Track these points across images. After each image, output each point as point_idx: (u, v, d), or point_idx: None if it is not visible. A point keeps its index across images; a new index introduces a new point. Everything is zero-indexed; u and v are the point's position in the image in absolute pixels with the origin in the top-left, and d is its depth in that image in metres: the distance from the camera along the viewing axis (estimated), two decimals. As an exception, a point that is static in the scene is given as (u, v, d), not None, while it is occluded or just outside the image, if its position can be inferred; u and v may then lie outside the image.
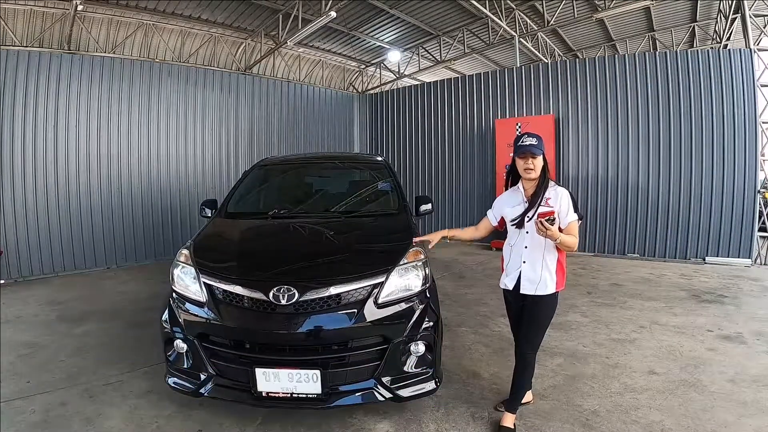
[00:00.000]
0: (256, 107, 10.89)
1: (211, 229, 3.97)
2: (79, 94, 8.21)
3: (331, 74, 17.53)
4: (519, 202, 2.98)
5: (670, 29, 14.76)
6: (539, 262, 2.88)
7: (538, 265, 2.88)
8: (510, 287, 3.01)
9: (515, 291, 2.97)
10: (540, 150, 2.84)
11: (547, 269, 2.88)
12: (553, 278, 2.88)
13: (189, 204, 9.58)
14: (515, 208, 2.99)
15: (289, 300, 2.79)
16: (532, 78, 10.05)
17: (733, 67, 8.00)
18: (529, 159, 2.84)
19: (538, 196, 2.87)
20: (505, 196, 3.13)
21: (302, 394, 2.76)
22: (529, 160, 2.84)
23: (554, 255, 2.89)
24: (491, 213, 3.21)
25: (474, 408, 3.29)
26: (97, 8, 11.04)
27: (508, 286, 3.02)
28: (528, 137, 2.87)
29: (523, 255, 2.93)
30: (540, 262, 2.88)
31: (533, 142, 2.83)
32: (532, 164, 2.84)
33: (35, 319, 5.52)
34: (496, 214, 3.16)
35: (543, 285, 2.87)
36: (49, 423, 3.14)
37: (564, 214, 2.82)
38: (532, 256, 2.89)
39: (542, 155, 2.87)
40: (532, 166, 2.85)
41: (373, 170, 5.06)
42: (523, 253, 2.93)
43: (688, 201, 8.40)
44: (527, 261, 2.91)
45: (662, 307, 5.71)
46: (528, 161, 2.85)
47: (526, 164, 2.86)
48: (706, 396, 3.41)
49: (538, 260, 2.88)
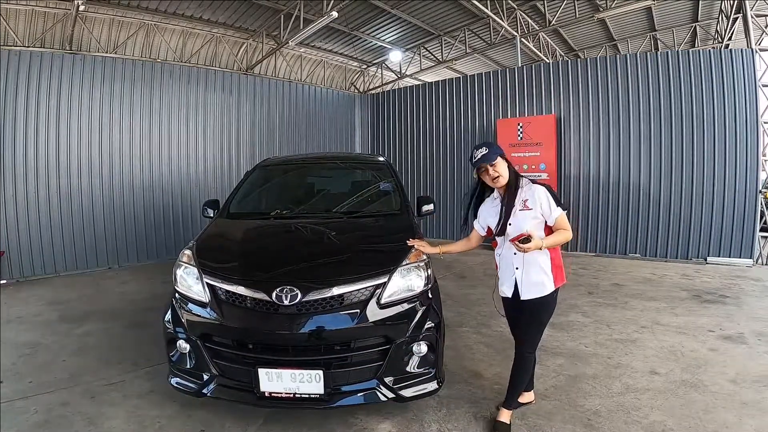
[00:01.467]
0: (258, 107, 10.89)
1: (214, 229, 3.97)
2: (81, 95, 8.21)
3: (333, 74, 17.54)
4: (498, 210, 2.91)
5: (672, 29, 14.77)
6: (533, 266, 2.82)
7: (533, 269, 2.82)
8: (509, 295, 2.95)
9: (515, 298, 2.91)
10: (495, 155, 2.77)
11: (543, 272, 2.83)
12: (550, 277, 2.84)
13: (190, 204, 9.57)
14: (496, 217, 2.92)
15: (292, 300, 2.79)
16: (534, 78, 10.04)
17: (734, 67, 7.99)
18: (490, 170, 2.79)
19: (512, 201, 2.82)
20: (486, 206, 3.04)
21: (305, 395, 2.76)
22: (490, 170, 2.79)
23: (546, 255, 2.83)
24: (477, 224, 3.11)
25: (476, 408, 3.29)
26: (99, 8, 11.06)
27: (507, 294, 2.97)
28: (476, 150, 2.81)
29: (514, 261, 2.87)
30: (534, 266, 2.82)
31: (483, 152, 2.76)
32: (495, 171, 2.79)
33: (37, 319, 5.52)
34: (482, 224, 3.07)
35: (542, 287, 2.83)
36: (50, 423, 3.14)
37: (548, 213, 2.78)
38: (524, 261, 2.81)
39: (501, 158, 2.81)
40: (497, 174, 2.79)
41: (375, 170, 5.06)
42: (514, 260, 2.87)
43: (690, 201, 8.39)
44: (519, 267, 2.85)
45: (664, 307, 5.70)
46: (489, 172, 2.80)
47: (489, 175, 2.81)
48: (707, 396, 3.40)
49: (532, 264, 2.82)
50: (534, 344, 2.98)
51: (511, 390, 3.03)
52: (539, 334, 2.98)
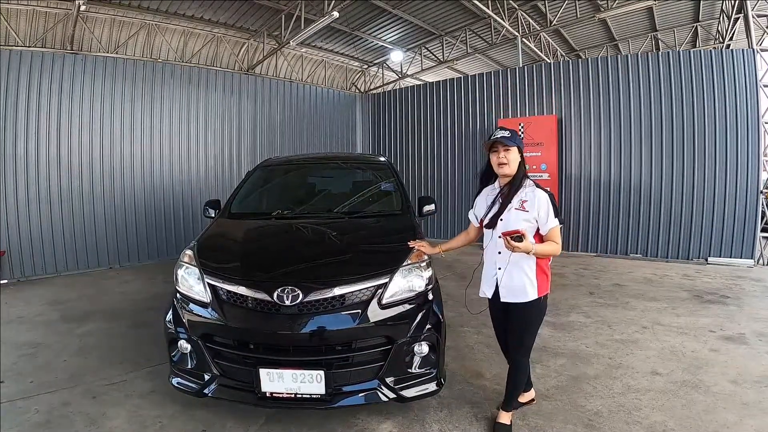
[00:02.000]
0: (259, 107, 10.91)
1: (215, 229, 3.98)
2: (82, 94, 8.22)
3: (334, 74, 17.52)
4: (494, 202, 2.83)
5: (673, 29, 14.73)
6: (516, 268, 2.72)
7: (515, 271, 2.72)
8: (489, 295, 2.90)
9: (495, 299, 2.85)
10: (513, 142, 2.70)
11: (525, 276, 2.72)
12: (534, 284, 2.73)
13: (191, 204, 9.59)
14: (490, 207, 2.85)
15: (293, 301, 2.79)
16: (535, 78, 10.05)
17: (735, 68, 7.99)
18: (502, 152, 2.71)
19: (511, 197, 2.74)
20: (483, 195, 2.99)
21: (306, 395, 2.76)
22: (501, 153, 2.71)
23: (532, 260, 2.71)
24: (472, 213, 3.08)
25: (477, 408, 3.29)
26: (100, 8, 11.04)
27: (487, 294, 2.91)
28: (501, 130, 2.74)
29: (497, 261, 2.79)
30: (516, 268, 2.72)
31: (506, 134, 2.70)
32: (505, 158, 2.71)
33: (38, 318, 5.53)
34: (477, 213, 3.02)
35: (523, 292, 2.73)
36: (52, 423, 3.15)
37: (543, 221, 2.68)
38: (508, 261, 2.71)
39: (518, 149, 2.73)
40: (506, 160, 2.71)
41: (376, 171, 5.07)
42: (497, 259, 2.78)
43: (691, 201, 8.38)
44: (502, 267, 2.75)
45: (665, 307, 5.70)
46: (500, 154, 2.72)
47: (498, 158, 2.73)
48: (708, 397, 3.41)
49: (515, 266, 2.72)
50: (528, 349, 2.92)
51: (508, 393, 3.01)
52: (532, 339, 2.91)
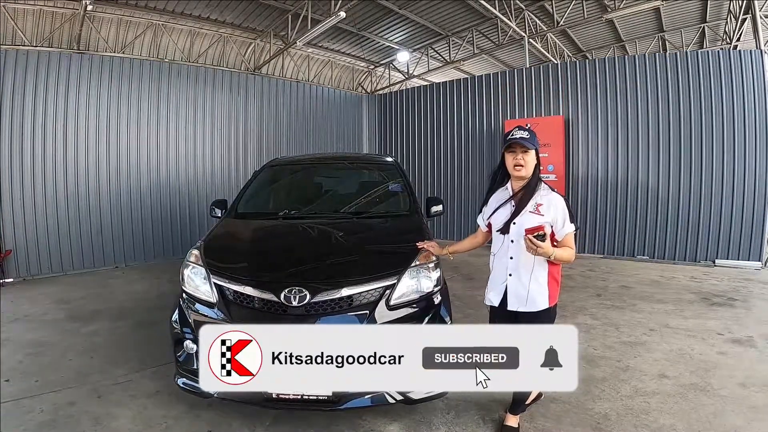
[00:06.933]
0: (265, 107, 10.90)
1: (221, 229, 3.98)
2: (89, 94, 8.23)
3: (340, 74, 17.54)
4: (506, 205, 2.72)
5: (680, 30, 14.67)
6: (527, 275, 2.63)
7: (525, 278, 2.63)
8: (495, 303, 2.78)
9: (502, 307, 2.74)
10: (533, 145, 2.60)
11: (536, 282, 2.63)
12: (544, 293, 2.64)
13: (198, 203, 9.58)
14: (501, 211, 2.73)
15: (301, 301, 2.79)
16: (542, 79, 9.99)
17: (743, 68, 7.92)
18: (519, 153, 2.62)
19: (526, 200, 2.63)
20: (494, 198, 2.85)
21: (313, 396, 2.74)
22: (519, 154, 2.61)
23: (545, 267, 2.63)
24: (481, 218, 2.97)
25: (484, 411, 3.26)
26: (107, 8, 11.10)
27: (493, 301, 2.79)
28: (520, 130, 2.62)
29: (508, 266, 2.69)
30: (528, 275, 2.63)
31: (524, 135, 2.58)
32: (523, 159, 2.61)
33: (44, 317, 5.54)
34: (485, 217, 2.90)
35: (532, 301, 2.64)
36: (57, 422, 3.16)
37: (560, 226, 2.59)
38: (519, 267, 2.64)
39: (535, 152, 2.65)
40: (523, 162, 2.61)
41: (383, 171, 5.05)
42: (509, 265, 2.68)
43: (698, 203, 8.32)
44: (513, 273, 2.66)
45: (672, 309, 5.66)
46: (518, 156, 2.62)
47: (515, 159, 2.62)
48: (716, 400, 3.38)
49: (526, 272, 2.63)
50: None
51: (515, 399, 2.97)
52: None
